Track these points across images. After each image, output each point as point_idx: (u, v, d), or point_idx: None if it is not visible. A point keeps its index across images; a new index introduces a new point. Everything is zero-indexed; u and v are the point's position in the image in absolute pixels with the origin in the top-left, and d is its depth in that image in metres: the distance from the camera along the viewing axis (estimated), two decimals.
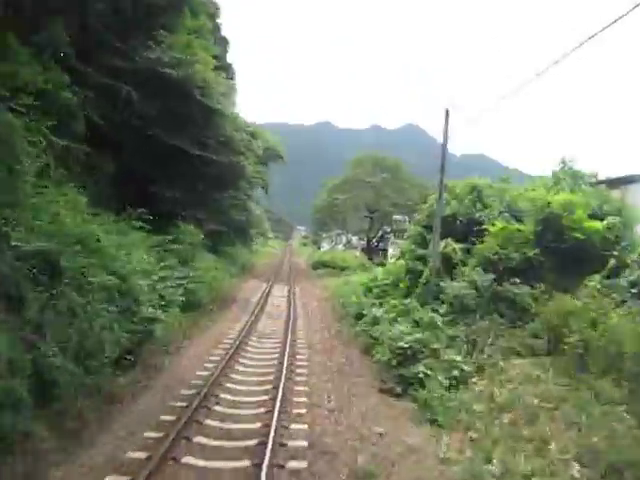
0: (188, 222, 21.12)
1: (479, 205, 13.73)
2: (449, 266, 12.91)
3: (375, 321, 13.75)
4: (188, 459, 6.19)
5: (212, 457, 6.30)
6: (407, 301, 13.40)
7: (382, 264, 44.13)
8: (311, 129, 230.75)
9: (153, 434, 6.82)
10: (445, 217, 13.61)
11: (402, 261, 16.51)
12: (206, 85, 17.66)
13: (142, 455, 6.12)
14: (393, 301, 14.31)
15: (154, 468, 5.68)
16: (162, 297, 13.26)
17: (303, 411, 8.13)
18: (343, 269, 42.51)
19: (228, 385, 9.28)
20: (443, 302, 12.10)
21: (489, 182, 15.31)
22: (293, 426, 7.42)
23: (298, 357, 11.70)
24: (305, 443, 6.84)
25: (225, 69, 27.90)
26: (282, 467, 6.11)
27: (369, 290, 17.91)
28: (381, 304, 15.47)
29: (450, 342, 10.69)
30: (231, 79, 33.20)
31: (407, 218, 40.94)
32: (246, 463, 6.15)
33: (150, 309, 11.48)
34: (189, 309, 15.25)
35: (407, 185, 38.15)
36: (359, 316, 16.32)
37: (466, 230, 13.76)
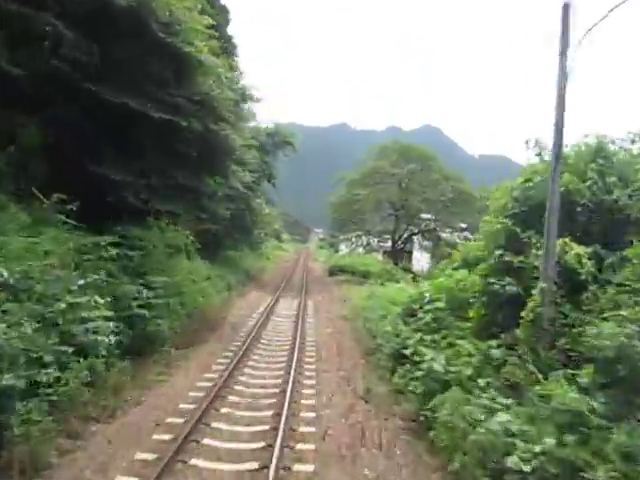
0: (165, 219, 15.62)
1: (612, 179, 7.77)
2: (574, 288, 6.98)
3: (435, 378, 7.85)
4: None
5: None
6: (494, 349, 7.47)
7: (407, 269, 37.96)
8: (326, 131, 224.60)
9: None
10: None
11: (467, 274, 10.53)
12: (173, 20, 12.05)
13: None
14: (462, 343, 8.39)
15: None
16: (69, 338, 7.62)
17: None
18: (364, 275, 36.69)
19: None
20: (577, 362, 6.15)
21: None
22: None
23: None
24: None
25: (223, 41, 22.46)
26: None
27: (411, 315, 11.98)
28: (435, 342, 9.57)
29: (625, 465, 4.75)
30: (233, 54, 27.76)
31: (433, 216, 34.81)
32: None
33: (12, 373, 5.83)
34: (134, 352, 9.59)
35: (439, 177, 31.95)
36: (398, 356, 10.50)
37: (592, 221, 7.79)
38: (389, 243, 43.30)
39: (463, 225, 34.51)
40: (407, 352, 9.94)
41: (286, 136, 25.77)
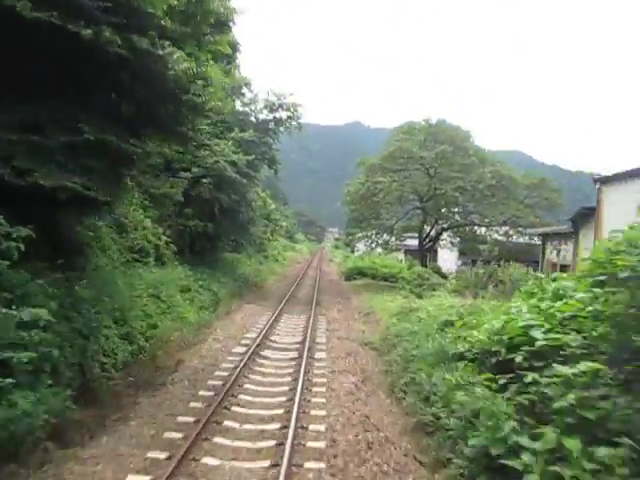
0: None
1: None
2: None
3: None
4: None
5: None
6: None
7: (438, 271, 31.95)
8: (340, 129, 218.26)
9: None
10: None
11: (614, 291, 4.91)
12: None
13: None
14: None
15: None
16: None
17: None
18: (386, 278, 31.09)
19: None
20: None
21: None
22: None
23: None
24: None
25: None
26: None
27: (497, 367, 6.32)
28: (609, 470, 3.95)
29: None
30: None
31: (469, 208, 28.84)
32: None
33: None
34: None
35: (475, 159, 26.06)
36: (495, 469, 4.95)
37: None
38: (410, 241, 37.51)
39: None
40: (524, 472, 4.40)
41: (290, 109, 20.29)
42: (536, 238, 26.83)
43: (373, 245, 30.91)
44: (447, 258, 40.54)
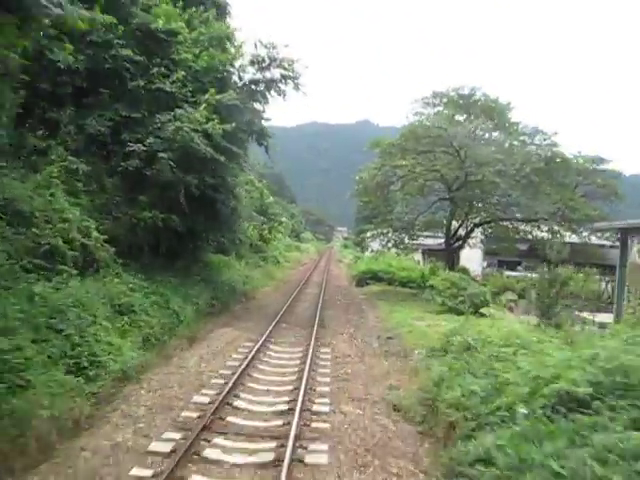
0: None
1: None
2: None
3: None
4: None
5: None
6: None
7: (471, 276, 26.32)
8: (350, 128, 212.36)
9: None
10: None
11: None
12: None
13: None
14: None
15: None
16: None
17: None
18: (403, 284, 25.90)
19: None
20: None
21: None
22: None
23: None
24: None
25: None
26: None
27: None
28: None
29: None
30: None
31: (507, 197, 23.23)
32: None
33: None
34: None
35: (519, 136, 20.65)
36: None
37: None
38: (428, 240, 32.14)
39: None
40: None
41: (284, 65, 15.10)
42: (597, 235, 21.38)
43: (389, 244, 25.61)
44: (472, 258, 35.08)
